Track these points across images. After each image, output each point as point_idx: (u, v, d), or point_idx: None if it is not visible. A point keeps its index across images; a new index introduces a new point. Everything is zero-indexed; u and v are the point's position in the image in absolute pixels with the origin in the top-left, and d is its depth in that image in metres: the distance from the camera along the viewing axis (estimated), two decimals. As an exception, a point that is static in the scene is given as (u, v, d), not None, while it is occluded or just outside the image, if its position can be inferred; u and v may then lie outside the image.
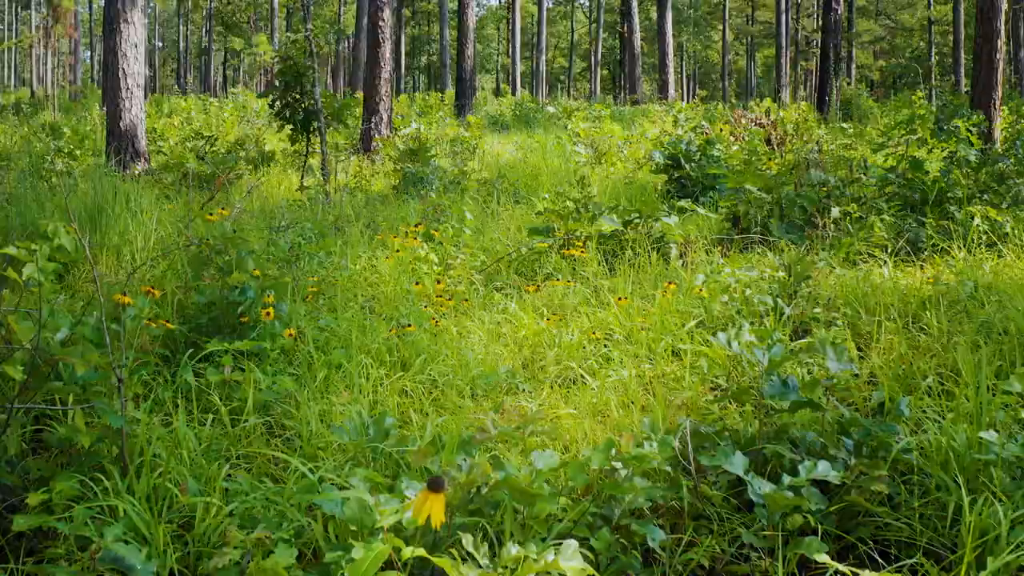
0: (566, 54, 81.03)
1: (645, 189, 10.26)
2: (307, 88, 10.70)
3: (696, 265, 6.40)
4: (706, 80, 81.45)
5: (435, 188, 10.05)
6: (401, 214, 8.51)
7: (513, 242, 7.23)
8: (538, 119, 22.27)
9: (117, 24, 13.40)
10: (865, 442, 3.08)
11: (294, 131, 11.36)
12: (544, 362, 4.48)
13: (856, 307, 5.17)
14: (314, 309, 5.10)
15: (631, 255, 6.49)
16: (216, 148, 14.64)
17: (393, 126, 16.71)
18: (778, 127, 11.44)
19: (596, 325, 4.95)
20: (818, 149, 8.36)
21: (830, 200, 7.68)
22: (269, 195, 11.36)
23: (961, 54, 37.05)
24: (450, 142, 14.95)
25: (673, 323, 4.69)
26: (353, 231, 7.76)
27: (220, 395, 4.00)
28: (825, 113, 19.98)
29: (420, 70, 78.43)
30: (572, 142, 13.78)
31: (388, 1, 15.87)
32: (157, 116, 19.52)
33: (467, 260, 6.45)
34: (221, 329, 4.63)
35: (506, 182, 10.66)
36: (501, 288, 6.05)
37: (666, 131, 13.98)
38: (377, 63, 15.88)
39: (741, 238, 7.31)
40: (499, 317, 5.17)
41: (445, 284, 5.81)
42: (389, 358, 4.42)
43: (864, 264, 6.41)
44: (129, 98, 13.61)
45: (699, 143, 10.16)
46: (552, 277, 6.06)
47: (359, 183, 11.62)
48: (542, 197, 8.39)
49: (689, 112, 17.07)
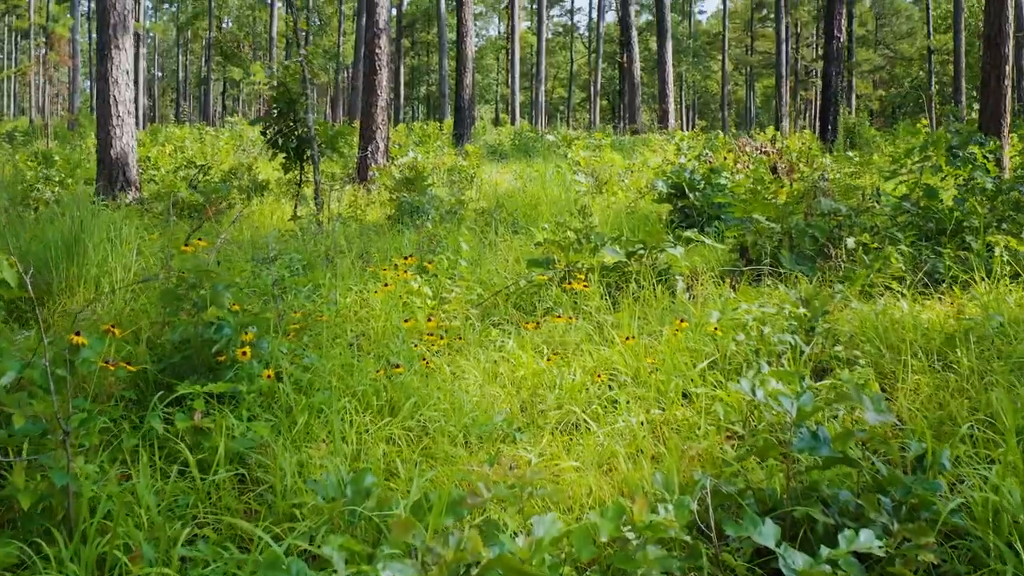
0: (565, 84, 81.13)
1: (648, 219, 9.95)
2: (300, 115, 10.41)
3: (704, 299, 6.07)
4: (705, 110, 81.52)
5: (431, 218, 9.75)
6: (395, 245, 8.19)
7: (511, 274, 6.90)
8: (537, 148, 22.00)
9: (108, 50, 13.15)
10: (905, 501, 2.73)
11: (287, 159, 11.07)
12: (544, 405, 4.14)
13: (877, 344, 4.83)
14: (298, 347, 4.76)
15: (635, 288, 6.16)
16: (209, 177, 14.37)
17: (390, 155, 16.44)
18: (784, 155, 11.16)
19: (600, 364, 4.60)
20: (826, 177, 8.06)
21: (841, 230, 7.37)
22: (261, 225, 11.05)
23: (963, 82, 36.92)
24: (447, 171, 14.67)
25: (683, 363, 4.34)
26: (344, 263, 7.44)
27: (190, 443, 3.66)
28: (828, 141, 19.73)
29: (419, 100, 78.52)
30: (572, 171, 13.48)
31: (385, 28, 15.63)
32: (152, 145, 19.25)
33: (463, 294, 6.12)
34: (196, 369, 4.29)
35: (504, 212, 10.36)
36: (499, 323, 5.71)
37: (668, 159, 13.69)
38: (373, 91, 15.62)
39: (750, 270, 6.99)
40: (496, 355, 4.83)
41: (439, 319, 5.47)
42: (376, 401, 4.08)
43: (881, 297, 6.08)
44: (120, 125, 13.34)
45: (703, 171, 9.87)
46: (552, 312, 5.72)
47: (354, 213, 11.32)
48: (541, 227, 8.06)
49: (691, 141, 16.81)
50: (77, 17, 41.52)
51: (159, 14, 74.64)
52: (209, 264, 6.15)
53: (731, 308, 4.46)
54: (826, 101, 21.10)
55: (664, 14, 32.03)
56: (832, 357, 4.52)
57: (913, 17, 63.11)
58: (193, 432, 3.67)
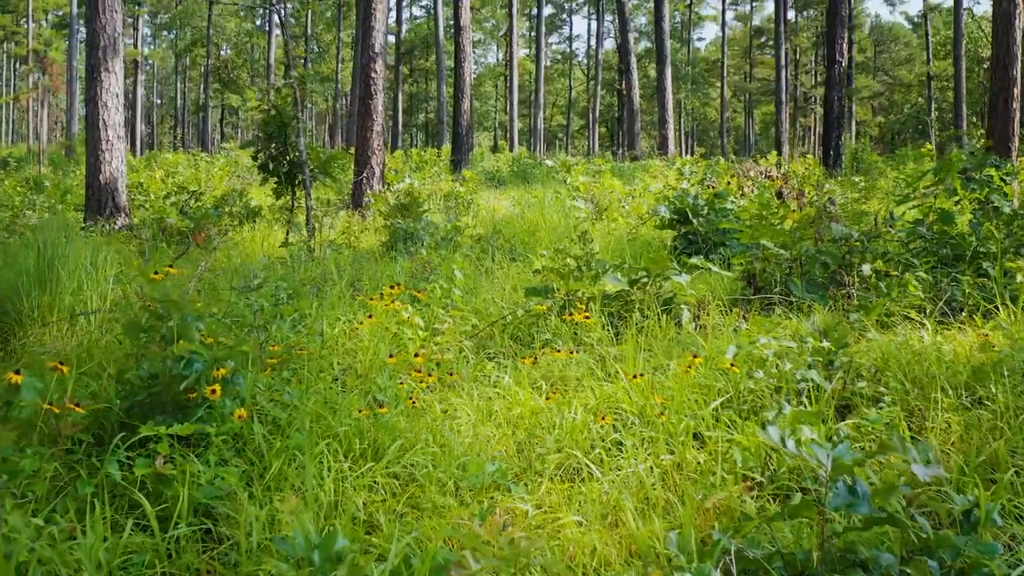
0: (564, 111, 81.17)
1: (650, 245, 9.62)
2: (292, 139, 10.10)
3: (712, 329, 5.73)
4: (704, 137, 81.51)
5: (426, 245, 9.43)
6: (387, 272, 7.87)
7: (508, 303, 6.56)
8: (536, 174, 21.73)
9: (98, 73, 12.90)
10: (955, 565, 2.39)
11: (278, 185, 10.76)
12: (542, 448, 3.78)
13: (900, 378, 4.48)
14: (279, 382, 4.41)
15: (639, 318, 5.83)
16: (201, 203, 14.08)
17: (386, 181, 16.15)
18: (789, 180, 10.86)
19: (602, 402, 4.26)
20: (834, 202, 7.75)
21: (853, 256, 7.04)
22: (252, 251, 10.74)
23: (963, 107, 36.78)
24: (444, 197, 14.38)
25: (693, 401, 4.00)
26: (334, 291, 7.11)
27: (151, 491, 3.31)
28: (831, 167, 19.46)
29: (418, 127, 78.50)
30: (571, 197, 13.17)
31: (381, 52, 15.38)
32: (144, 170, 18.96)
33: (456, 324, 5.78)
34: (164, 407, 3.94)
35: (502, 238, 10.04)
36: (494, 356, 5.37)
37: (670, 185, 13.39)
38: (369, 115, 15.35)
39: (759, 298, 6.65)
40: (491, 391, 4.48)
41: (430, 352, 5.13)
42: (359, 444, 3.73)
43: (899, 327, 5.74)
44: (109, 149, 13.05)
45: (707, 197, 9.55)
46: (551, 344, 5.38)
47: (347, 239, 11.01)
48: (540, 254, 7.73)
49: (692, 165, 16.53)
50: (75, 44, 41.44)
51: (158, 41, 74.80)
52: (188, 292, 5.83)
53: (748, 342, 4.11)
54: (828, 126, 20.86)
55: (663, 40, 31.89)
56: (855, 394, 4.18)
57: (912, 43, 63.23)
58: (154, 479, 3.33)
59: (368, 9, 15.36)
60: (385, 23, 15.55)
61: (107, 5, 12.89)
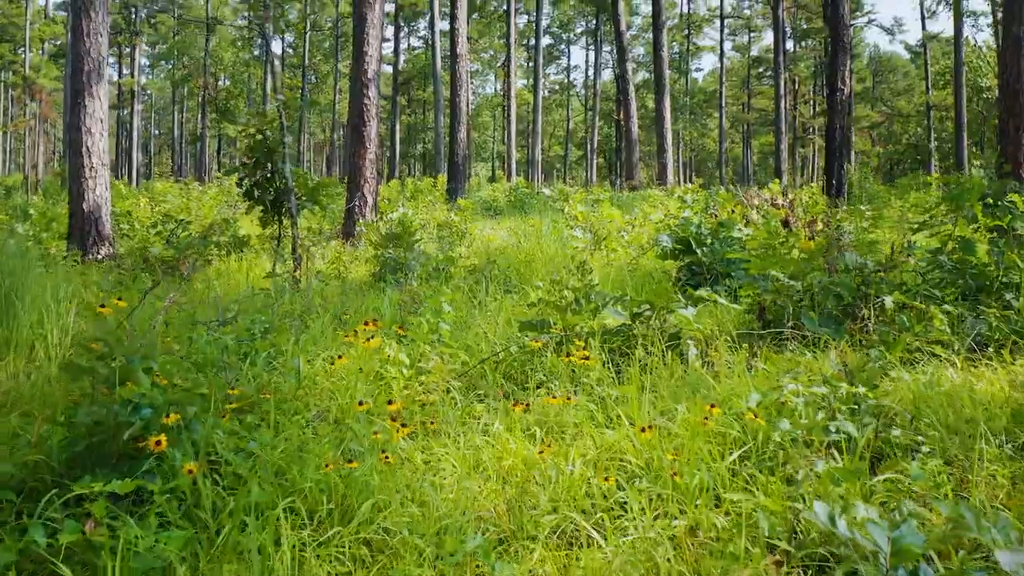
0: (562, 142, 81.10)
1: (652, 277, 9.20)
2: (278, 166, 9.68)
3: (721, 367, 5.29)
4: (702, 167, 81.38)
5: (416, 275, 8.99)
6: (374, 305, 7.42)
7: (502, 339, 6.11)
8: (533, 204, 21.34)
9: (81, 98, 12.51)
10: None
11: (264, 213, 10.33)
12: (536, 509, 3.32)
13: (934, 421, 4.03)
14: (244, 428, 3.96)
15: (642, 355, 5.38)
16: (189, 232, 13.66)
17: (379, 210, 15.74)
18: (795, 208, 10.46)
19: (603, 452, 3.80)
20: (847, 231, 7.33)
21: (868, 287, 6.61)
22: (238, 282, 10.29)
23: (964, 136, 36.53)
24: (438, 226, 13.98)
25: (707, 451, 3.54)
26: (316, 324, 6.67)
27: (80, 561, 2.86)
28: (834, 196, 19.07)
29: (416, 158, 78.33)
30: (569, 226, 12.77)
31: (374, 79, 15.02)
32: (131, 198, 18.55)
33: (444, 362, 5.32)
34: (107, 459, 3.49)
35: (496, 269, 9.60)
36: (485, 397, 4.92)
37: (671, 213, 12.98)
38: (362, 143, 14.96)
39: (769, 333, 6.21)
40: (479, 439, 4.02)
41: (414, 392, 4.68)
42: (326, 503, 3.27)
43: (924, 364, 5.30)
44: (93, 177, 12.64)
45: (711, 226, 9.13)
46: (547, 384, 4.93)
47: (337, 270, 10.57)
48: (536, 286, 7.30)
49: (694, 194, 16.15)
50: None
51: (155, 71, 74.79)
52: (155, 326, 5.38)
53: (770, 387, 3.66)
54: (830, 155, 20.46)
55: (662, 69, 31.65)
56: (886, 441, 3.73)
57: (910, 74, 63.20)
58: (85, 546, 2.87)
59: (361, 35, 15.01)
60: (379, 49, 15.19)
61: (92, 29, 12.53)
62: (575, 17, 69.62)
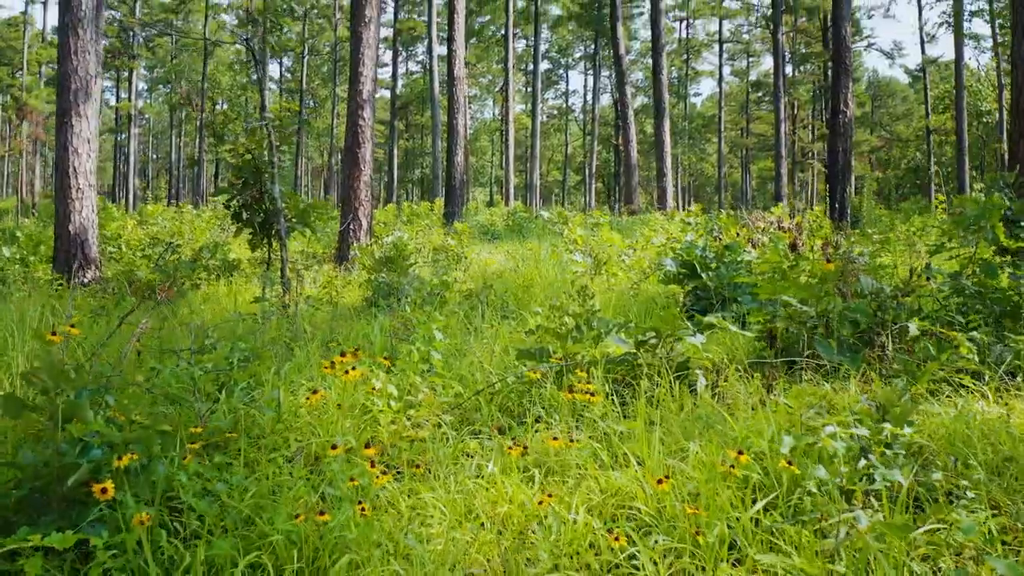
0: (560, 167, 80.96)
1: (655, 302, 8.83)
2: (267, 186, 9.34)
3: (733, 399, 4.91)
4: (701, 192, 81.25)
5: (410, 300, 8.63)
6: (364, 331, 7.05)
7: (498, 368, 5.72)
8: (531, 228, 20.99)
9: (69, 117, 12.20)
10: None
11: (253, 235, 9.98)
12: (535, 564, 2.94)
13: (973, 461, 3.65)
14: (214, 468, 3.58)
15: (648, 386, 5.00)
16: (179, 255, 13.32)
17: (375, 233, 15.39)
18: (802, 231, 10.12)
19: (609, 495, 3.42)
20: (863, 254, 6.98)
21: (885, 313, 6.25)
22: (224, 307, 9.93)
23: (966, 160, 36.32)
24: (433, 250, 13.63)
25: (726, 498, 3.16)
26: (303, 352, 6.30)
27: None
28: (837, 219, 18.75)
29: (414, 183, 78.16)
30: (569, 250, 12.42)
31: (369, 100, 14.71)
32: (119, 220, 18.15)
33: (435, 394, 4.94)
34: (51, 506, 3.11)
35: (493, 294, 9.23)
36: (479, 432, 4.54)
37: (673, 237, 12.64)
38: (356, 165, 14.63)
39: (783, 361, 5.84)
40: (472, 481, 3.64)
41: (401, 427, 4.30)
42: (296, 559, 2.88)
43: (950, 396, 4.92)
44: (80, 198, 12.31)
45: (716, 249, 8.78)
46: (545, 419, 4.55)
47: (329, 294, 10.20)
48: (534, 312, 6.93)
49: (696, 217, 15.82)
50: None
51: (153, 95, 74.67)
52: (126, 355, 5.01)
53: (792, 424, 3.28)
54: (832, 178, 20.18)
55: (661, 92, 31.40)
56: (921, 484, 3.35)
57: (909, 98, 63.14)
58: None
59: (357, 55, 14.72)
60: (374, 69, 14.89)
61: (80, 48, 12.24)
62: (573, 42, 69.60)
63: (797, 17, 47.01)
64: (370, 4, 14.74)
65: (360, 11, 14.76)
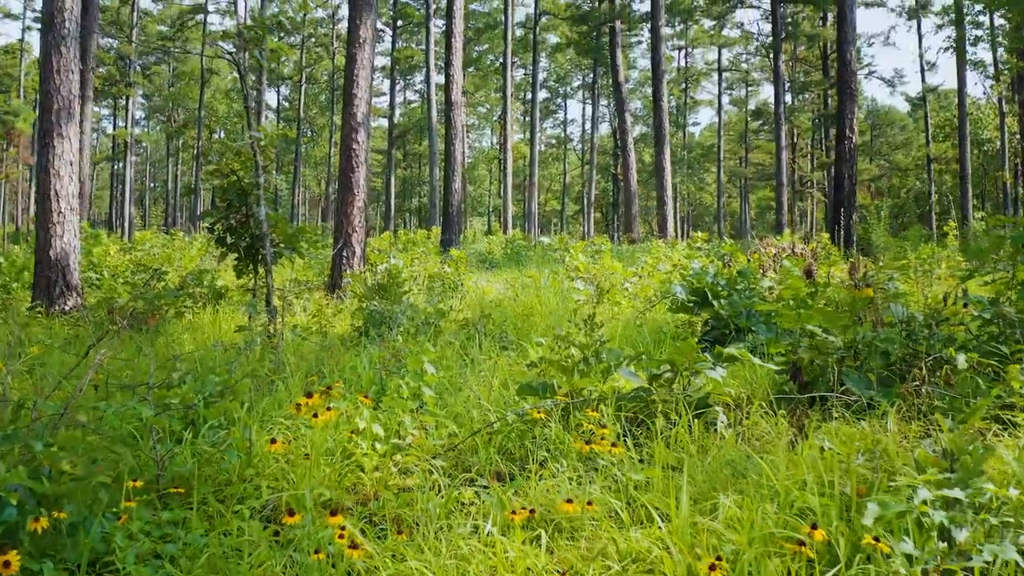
0: (558, 196, 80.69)
1: (663, 332, 8.31)
2: (253, 209, 8.83)
3: (760, 439, 4.39)
4: (699, 222, 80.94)
5: (403, 330, 8.11)
6: (352, 363, 6.51)
7: (497, 404, 5.18)
8: (530, 256, 20.48)
9: (50, 139, 11.73)
10: None
11: (239, 261, 9.47)
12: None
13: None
14: (158, 525, 3.05)
15: (663, 425, 4.47)
16: (166, 282, 12.81)
17: (369, 260, 14.87)
18: (817, 257, 9.64)
19: (630, 561, 2.88)
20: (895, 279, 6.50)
21: (917, 343, 5.74)
22: (211, 336, 9.40)
23: (969, 187, 35.91)
24: (428, 277, 13.12)
25: (774, 571, 2.62)
26: (284, 386, 5.78)
27: None
28: (843, 246, 18.28)
29: (412, 212, 77.81)
30: (570, 277, 11.90)
31: (364, 122, 14.24)
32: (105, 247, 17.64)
33: (426, 434, 4.40)
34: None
35: (491, 323, 8.71)
36: (476, 479, 4.00)
37: (679, 264, 12.13)
38: (350, 189, 14.13)
39: (809, 397, 5.31)
40: (466, 543, 3.10)
41: (386, 475, 3.76)
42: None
43: (998, 435, 4.40)
44: (61, 223, 11.81)
45: (728, 276, 8.28)
46: (550, 463, 4.01)
47: (319, 323, 9.67)
48: (536, 343, 6.40)
49: (702, 243, 15.33)
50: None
51: (151, 123, 74.41)
52: (81, 390, 4.48)
53: (864, 481, 2.75)
54: (838, 204, 19.74)
55: (662, 119, 31.00)
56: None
57: (908, 127, 62.92)
58: None
59: (351, 76, 14.27)
60: (369, 91, 14.43)
61: (62, 66, 11.78)
62: (572, 71, 69.49)
63: (797, 45, 46.81)
64: (365, 24, 14.31)
65: (355, 31, 14.34)
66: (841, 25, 19.63)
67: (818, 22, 44.19)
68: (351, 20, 14.52)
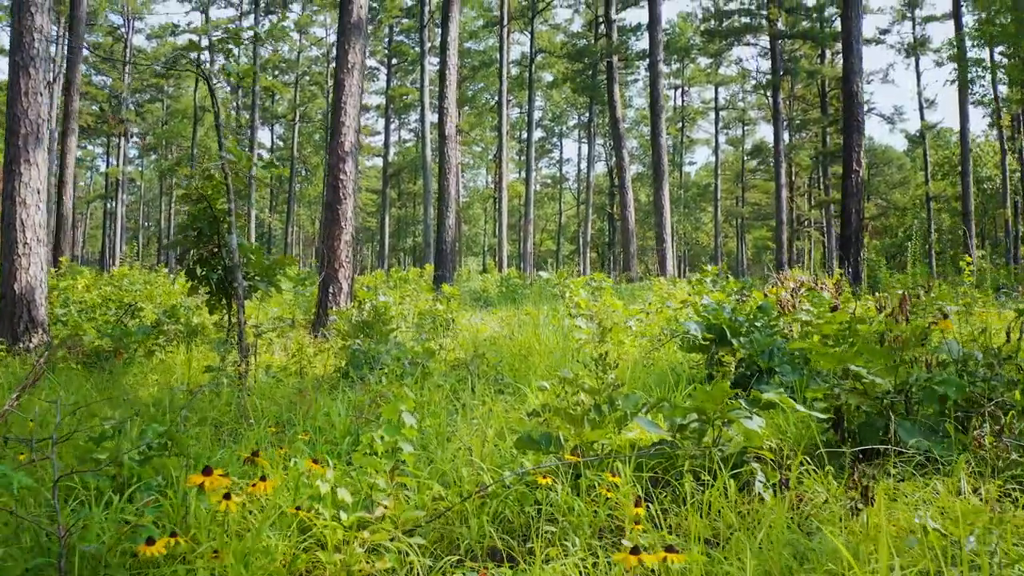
0: (553, 236, 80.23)
1: (675, 373, 7.51)
2: (224, 238, 8.07)
3: (809, 502, 3.60)
4: (696, 261, 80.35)
5: (387, 372, 7.31)
6: (326, 409, 5.71)
7: (491, 460, 4.36)
8: (527, 294, 19.69)
9: (17, 165, 10.99)
10: None
11: (211, 295, 8.69)
12: None
13: None
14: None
15: (692, 485, 3.68)
16: (140, 318, 12.02)
17: (357, 297, 14.07)
18: (841, 292, 8.87)
19: None
20: (951, 310, 5.74)
21: (974, 386, 4.97)
22: (180, 377, 8.61)
23: (972, 223, 35.29)
24: (419, 315, 12.34)
25: None
26: (249, 436, 4.99)
27: None
28: (852, 283, 17.54)
29: (405, 252, 77.23)
30: (571, 315, 11.11)
31: (351, 152, 13.51)
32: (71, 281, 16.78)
33: (404, 501, 3.60)
34: None
35: (485, 363, 7.91)
36: (465, 559, 3.19)
37: (687, 301, 11.35)
38: (336, 222, 13.37)
39: (859, 450, 4.51)
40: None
41: (351, 556, 2.95)
42: None
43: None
44: (27, 254, 11.02)
45: (747, 311, 7.50)
46: (558, 540, 3.21)
47: (298, 363, 8.87)
48: (538, 387, 5.60)
49: (712, 277, 14.58)
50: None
51: (145, 161, 73.91)
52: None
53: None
54: (845, 240, 19.03)
55: (660, 155, 30.36)
56: None
57: (906, 166, 62.56)
58: None
59: (339, 104, 13.56)
60: (357, 120, 13.71)
61: (31, 88, 11.07)
62: (567, 109, 69.22)
63: (795, 82, 46.46)
64: (354, 49, 13.64)
65: (343, 56, 13.66)
66: (847, 56, 19.03)
67: (816, 59, 43.90)
68: (339, 46, 13.84)
